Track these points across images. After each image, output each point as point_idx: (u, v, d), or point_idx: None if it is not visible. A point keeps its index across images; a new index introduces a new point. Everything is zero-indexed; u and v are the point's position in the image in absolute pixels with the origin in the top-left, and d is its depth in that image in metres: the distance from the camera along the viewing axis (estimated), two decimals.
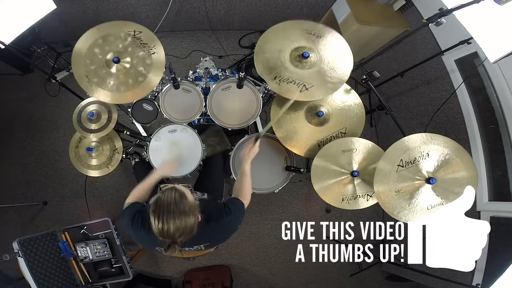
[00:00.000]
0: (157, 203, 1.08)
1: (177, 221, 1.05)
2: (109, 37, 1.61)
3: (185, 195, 1.11)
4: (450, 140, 1.44)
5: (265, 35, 1.60)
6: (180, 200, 1.08)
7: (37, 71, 2.82)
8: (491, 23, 1.34)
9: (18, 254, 1.95)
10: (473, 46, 2.02)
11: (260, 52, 1.57)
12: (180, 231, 1.06)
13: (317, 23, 1.65)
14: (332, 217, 2.90)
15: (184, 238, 1.09)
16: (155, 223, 1.07)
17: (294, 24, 1.64)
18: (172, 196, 1.08)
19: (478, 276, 2.00)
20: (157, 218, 1.06)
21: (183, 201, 1.08)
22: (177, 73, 1.78)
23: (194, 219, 1.10)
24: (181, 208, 1.06)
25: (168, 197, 1.08)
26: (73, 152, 2.02)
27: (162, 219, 1.05)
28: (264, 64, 1.56)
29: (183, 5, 2.78)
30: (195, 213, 1.12)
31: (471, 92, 2.17)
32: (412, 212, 1.42)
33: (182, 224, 1.06)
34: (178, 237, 1.07)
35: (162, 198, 1.08)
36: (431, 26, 1.66)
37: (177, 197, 1.08)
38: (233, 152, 1.96)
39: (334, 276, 2.90)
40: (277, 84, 1.54)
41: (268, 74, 1.55)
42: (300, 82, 1.55)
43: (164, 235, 1.07)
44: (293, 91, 1.54)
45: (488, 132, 2.11)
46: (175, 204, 1.06)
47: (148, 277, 2.74)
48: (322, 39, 1.61)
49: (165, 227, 1.05)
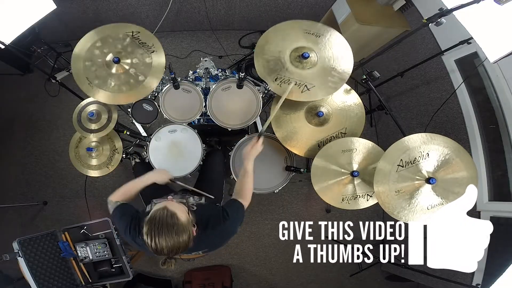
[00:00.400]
0: (150, 223, 1.09)
1: (170, 242, 1.06)
2: (108, 39, 1.62)
3: (177, 216, 1.10)
4: (450, 140, 1.43)
5: (264, 36, 1.60)
6: (171, 220, 1.08)
7: (37, 71, 2.82)
8: (491, 23, 1.34)
9: (18, 254, 1.94)
10: (473, 46, 2.02)
11: (260, 54, 1.57)
12: (174, 251, 1.08)
13: (316, 23, 1.64)
14: (332, 217, 2.90)
15: (179, 254, 1.11)
16: (148, 243, 1.08)
17: (293, 24, 1.63)
18: (163, 217, 1.08)
19: (478, 276, 2.00)
20: (149, 238, 1.07)
21: (174, 222, 1.08)
22: (177, 73, 1.78)
23: (188, 236, 1.11)
24: (173, 228, 1.07)
25: (159, 217, 1.08)
26: (73, 152, 2.02)
27: (155, 240, 1.06)
28: (265, 65, 1.56)
29: (183, 5, 2.78)
30: (188, 230, 1.12)
31: (471, 92, 2.17)
32: (412, 212, 1.42)
33: (175, 244, 1.07)
34: (174, 254, 1.10)
35: (155, 219, 1.09)
36: (431, 26, 1.66)
37: (169, 217, 1.09)
38: (233, 152, 1.96)
39: (334, 276, 2.90)
40: (278, 85, 1.54)
41: (269, 76, 1.55)
42: (302, 83, 1.55)
43: (158, 253, 1.08)
44: (294, 92, 1.54)
45: (488, 132, 2.11)
46: (167, 225, 1.07)
47: (148, 277, 2.74)
48: (321, 38, 1.61)
49: (158, 247, 1.06)
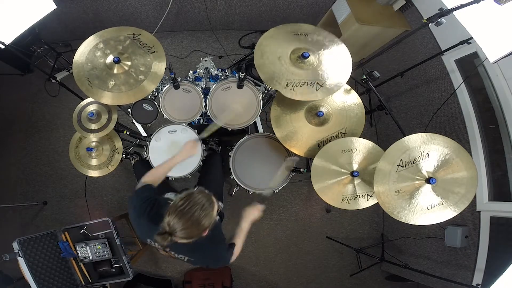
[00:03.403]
0: (186, 200, 1.10)
1: (183, 225, 1.07)
2: (109, 41, 1.64)
3: (213, 208, 1.13)
4: (450, 140, 1.43)
5: (259, 48, 1.57)
6: (203, 212, 1.09)
7: (37, 71, 2.81)
8: (491, 23, 1.34)
9: (18, 254, 1.94)
10: (473, 46, 2.02)
11: (262, 68, 1.53)
12: (174, 232, 1.08)
13: (298, 24, 1.64)
14: (332, 217, 2.90)
15: (182, 236, 1.09)
16: (169, 212, 1.08)
17: (279, 30, 1.62)
18: (201, 203, 1.10)
19: (478, 276, 2.00)
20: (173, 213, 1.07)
21: (208, 212, 1.11)
22: (177, 73, 1.78)
23: (198, 234, 1.12)
24: (196, 219, 1.08)
25: (199, 199, 1.10)
26: (73, 152, 2.02)
27: (174, 216, 1.07)
28: (271, 75, 1.53)
29: (183, 5, 2.78)
30: (207, 228, 1.13)
31: (471, 92, 2.17)
32: (412, 212, 1.42)
33: (184, 228, 1.08)
34: (181, 230, 1.08)
35: (194, 199, 1.10)
36: (431, 26, 1.66)
37: (207, 205, 1.11)
38: (233, 152, 1.97)
39: (334, 276, 2.90)
40: (292, 90, 1.52)
41: (279, 84, 1.52)
42: (313, 81, 1.54)
43: (169, 225, 1.08)
44: (309, 92, 1.52)
45: (488, 132, 2.11)
46: (196, 211, 1.08)
47: (148, 277, 2.74)
48: (310, 36, 1.62)
49: (170, 223, 1.07)
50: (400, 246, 2.71)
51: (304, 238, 2.88)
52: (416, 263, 2.48)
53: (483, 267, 2.00)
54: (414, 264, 2.44)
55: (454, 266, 2.22)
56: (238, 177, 1.96)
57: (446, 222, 1.45)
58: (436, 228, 2.29)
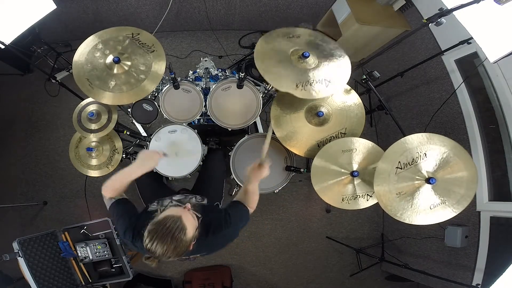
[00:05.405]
0: (157, 226, 1.07)
1: (166, 251, 1.04)
2: (109, 42, 1.63)
3: (186, 232, 1.08)
4: (450, 140, 1.43)
5: (260, 60, 1.51)
6: (178, 234, 1.06)
7: (37, 71, 2.82)
8: (491, 23, 1.34)
9: (18, 254, 1.94)
10: (473, 46, 2.02)
11: (268, 73, 1.49)
12: (165, 257, 1.06)
13: (285, 28, 1.62)
14: (332, 217, 2.90)
15: (172, 258, 1.08)
16: (146, 241, 1.07)
17: (270, 36, 1.60)
18: (173, 228, 1.06)
19: (478, 276, 2.00)
20: (149, 238, 1.06)
21: (181, 237, 1.07)
22: (177, 73, 1.78)
23: (184, 250, 1.10)
24: (176, 242, 1.05)
25: (169, 226, 1.06)
26: (73, 152, 2.02)
27: (153, 242, 1.05)
28: (279, 79, 1.49)
29: (183, 5, 2.78)
30: (188, 246, 1.11)
31: (471, 92, 2.17)
32: (415, 213, 1.42)
33: (170, 254, 1.06)
34: (167, 258, 1.07)
35: (164, 225, 1.07)
36: (431, 26, 1.66)
37: (178, 230, 1.06)
38: (233, 152, 1.96)
39: (334, 276, 2.90)
40: (302, 89, 1.48)
41: (291, 86, 1.48)
42: (322, 79, 1.52)
43: (149, 252, 1.07)
44: (321, 90, 1.50)
45: (488, 132, 2.11)
46: (172, 236, 1.05)
47: (148, 277, 2.74)
48: (301, 38, 1.61)
49: (152, 249, 1.05)
50: (400, 246, 2.71)
51: (304, 238, 2.88)
52: (416, 263, 2.48)
53: (483, 267, 2.00)
54: (414, 264, 2.44)
55: (454, 266, 2.22)
56: (238, 177, 1.96)
57: (446, 222, 1.45)
58: (436, 228, 2.29)
